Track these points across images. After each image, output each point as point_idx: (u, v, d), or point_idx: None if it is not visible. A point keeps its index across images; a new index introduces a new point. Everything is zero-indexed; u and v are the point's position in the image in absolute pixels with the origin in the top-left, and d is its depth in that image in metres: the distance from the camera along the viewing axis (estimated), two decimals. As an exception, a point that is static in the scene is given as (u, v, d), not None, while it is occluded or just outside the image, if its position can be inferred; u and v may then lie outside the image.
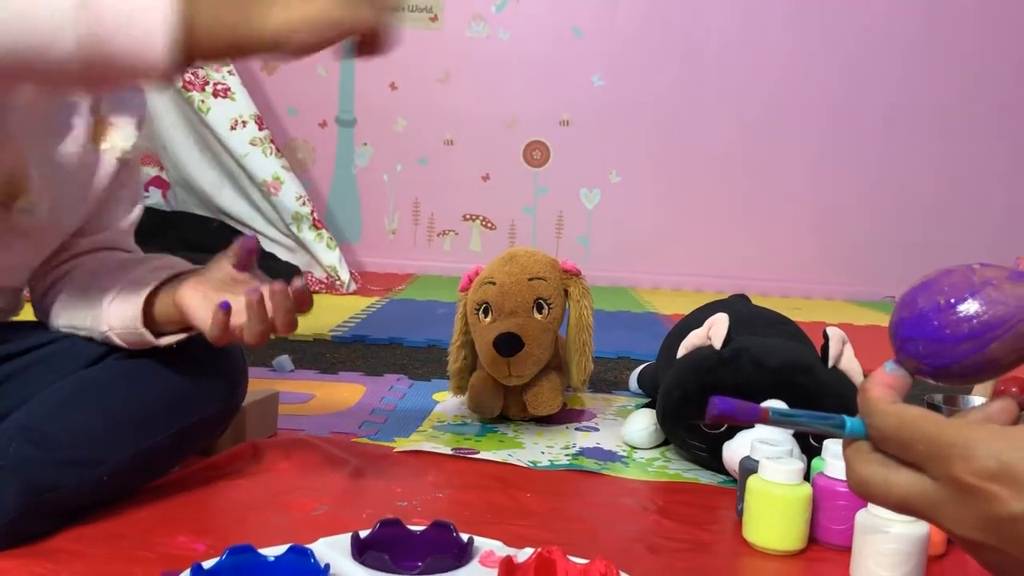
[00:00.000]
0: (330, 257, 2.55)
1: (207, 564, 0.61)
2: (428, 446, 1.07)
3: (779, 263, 3.01)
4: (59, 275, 0.92)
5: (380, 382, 1.43)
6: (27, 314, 0.95)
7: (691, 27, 2.92)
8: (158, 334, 0.83)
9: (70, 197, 0.88)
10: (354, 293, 2.53)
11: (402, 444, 1.08)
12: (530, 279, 1.16)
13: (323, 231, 2.57)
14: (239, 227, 2.62)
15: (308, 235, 2.55)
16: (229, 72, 2.48)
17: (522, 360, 1.14)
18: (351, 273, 2.58)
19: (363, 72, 3.01)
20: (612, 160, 2.99)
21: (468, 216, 3.07)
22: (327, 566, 0.61)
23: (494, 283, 1.16)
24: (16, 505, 0.75)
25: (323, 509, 0.87)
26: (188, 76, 2.44)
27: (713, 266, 3.00)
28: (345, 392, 1.35)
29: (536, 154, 3.01)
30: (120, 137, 0.92)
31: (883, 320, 2.53)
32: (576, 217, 3.03)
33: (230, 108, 2.47)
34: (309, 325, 1.91)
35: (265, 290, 0.75)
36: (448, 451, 1.06)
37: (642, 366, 1.42)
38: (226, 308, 0.75)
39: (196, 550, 0.77)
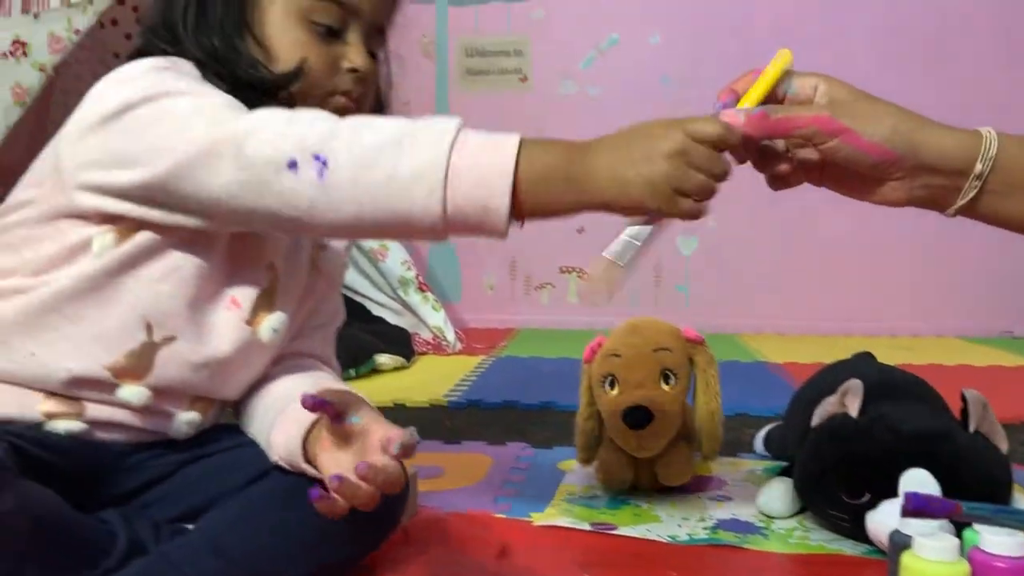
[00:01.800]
0: (436, 319, 2.60)
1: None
2: (566, 521, 1.09)
3: (886, 300, 2.95)
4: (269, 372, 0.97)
5: (504, 452, 1.46)
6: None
7: (780, 70, 2.92)
8: None
9: (291, 319, 0.95)
10: (460, 353, 2.57)
11: (540, 519, 1.10)
12: (655, 350, 1.18)
13: (428, 294, 2.63)
14: (348, 293, 2.70)
15: (414, 298, 2.61)
16: (333, 146, 2.58)
17: (652, 432, 1.15)
18: (456, 332, 2.63)
19: (457, 134, 3.09)
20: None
21: (565, 268, 3.10)
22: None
23: (619, 355, 1.18)
24: None
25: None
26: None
27: (817, 308, 2.96)
28: (472, 464, 1.38)
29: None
30: (334, 267, 1.02)
31: (1004, 359, 2.45)
32: (674, 265, 3.03)
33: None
34: (424, 391, 1.96)
35: (375, 461, 0.74)
36: (587, 527, 1.08)
37: (768, 427, 1.41)
38: (315, 497, 0.73)
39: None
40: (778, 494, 1.11)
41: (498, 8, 3.04)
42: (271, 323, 0.91)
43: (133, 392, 0.85)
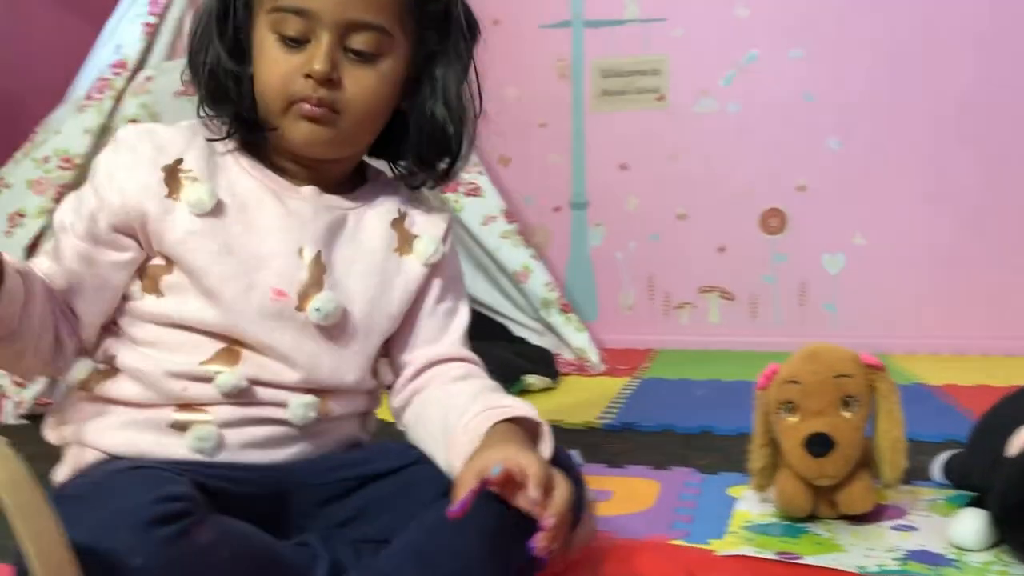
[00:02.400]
0: (579, 340, 2.62)
1: None
2: (749, 550, 1.08)
3: (1048, 319, 2.81)
4: (416, 389, 1.00)
5: (670, 477, 1.45)
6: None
7: (931, 81, 2.82)
8: None
9: (371, 298, 0.96)
10: (603, 374, 2.58)
11: (723, 548, 1.10)
12: (835, 376, 1.16)
13: (571, 315, 2.65)
14: (490, 314, 2.75)
15: (557, 319, 2.64)
16: (479, 172, 2.64)
17: (834, 460, 1.13)
18: (599, 353, 2.64)
19: (594, 156, 3.11)
20: (855, 223, 2.91)
21: (705, 288, 3.07)
22: None
23: (798, 382, 1.17)
24: None
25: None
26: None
27: (973, 326, 2.84)
28: (640, 488, 1.39)
29: (773, 222, 2.98)
30: (423, 248, 1.01)
31: None
32: (820, 284, 2.96)
33: (481, 205, 2.63)
34: (576, 413, 1.97)
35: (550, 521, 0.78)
36: (771, 556, 1.07)
37: (947, 454, 1.36)
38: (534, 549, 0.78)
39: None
40: (972, 526, 1.07)
41: (635, 28, 3.05)
42: (314, 304, 0.92)
43: (229, 378, 0.89)
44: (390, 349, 1.02)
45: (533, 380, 2.27)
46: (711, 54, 3.00)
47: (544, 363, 2.42)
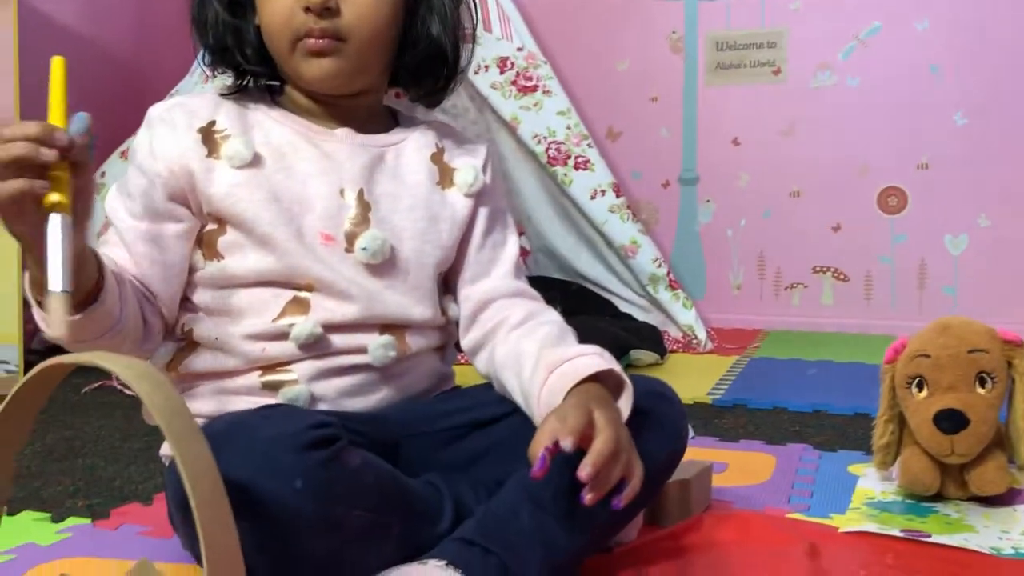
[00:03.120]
0: (687, 316, 2.58)
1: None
2: (874, 527, 1.05)
3: None
4: (481, 337, 1.00)
5: (786, 452, 1.42)
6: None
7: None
8: None
9: (419, 232, 0.97)
10: (710, 352, 2.54)
11: (845, 524, 1.07)
12: (970, 351, 1.11)
13: (679, 291, 2.62)
14: (596, 289, 2.74)
15: (664, 295, 2.61)
16: (588, 145, 2.62)
17: (966, 438, 1.09)
18: (707, 331, 2.60)
19: (705, 131, 3.05)
20: (980, 203, 2.78)
21: (818, 268, 2.98)
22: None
23: (928, 356, 1.12)
24: (538, 570, 0.83)
25: (797, 592, 0.89)
26: (552, 152, 2.61)
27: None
28: (755, 462, 1.36)
29: (892, 200, 2.87)
30: (464, 179, 1.01)
31: None
32: (940, 265, 2.84)
33: (590, 178, 2.61)
34: (685, 389, 1.94)
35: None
36: (897, 533, 1.03)
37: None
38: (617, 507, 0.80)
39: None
40: (1118, 512, 1.01)
41: (752, 1, 2.97)
42: (361, 243, 0.93)
43: (304, 327, 0.91)
44: (449, 285, 1.03)
45: (641, 355, 2.25)
46: (830, 27, 2.90)
47: (652, 339, 2.39)
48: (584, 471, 0.76)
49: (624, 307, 2.70)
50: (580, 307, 2.54)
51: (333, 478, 0.75)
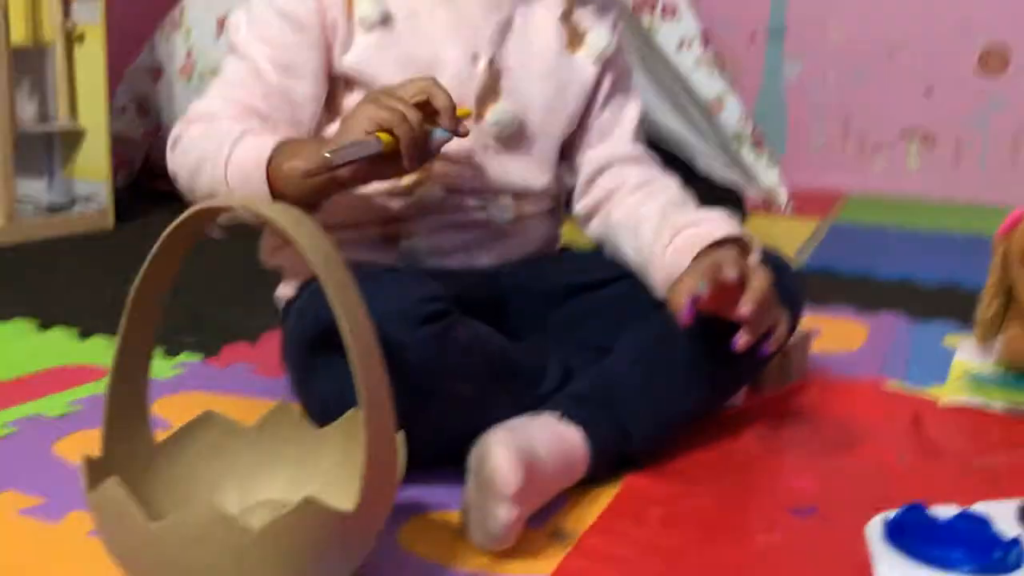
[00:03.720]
0: (770, 177, 2.52)
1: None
2: (976, 400, 1.05)
3: None
4: (598, 200, 0.99)
5: (878, 321, 1.41)
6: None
7: None
8: None
9: (547, 103, 0.95)
10: (791, 215, 2.49)
11: (945, 396, 1.06)
12: (1093, 229, 1.07)
13: (764, 151, 2.55)
14: (674, 151, 2.68)
15: (747, 155, 2.54)
16: (677, -9, 2.51)
17: (1080, 317, 1.06)
18: (788, 193, 2.54)
19: (799, -19, 2.89)
20: (1091, 68, 2.63)
21: (905, 132, 2.87)
22: (1016, 541, 0.62)
23: (1048, 232, 1.08)
24: (654, 432, 0.85)
25: (904, 459, 0.90)
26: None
27: None
28: (846, 329, 1.36)
29: (993, 62, 2.73)
30: (595, 41, 0.98)
31: None
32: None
33: (676, 28, 2.50)
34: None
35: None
36: (1000, 408, 1.03)
37: None
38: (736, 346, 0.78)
39: (803, 489, 0.83)
40: None
41: None
42: (491, 116, 0.91)
43: (429, 190, 0.90)
44: (567, 151, 1.01)
45: (721, 215, 2.22)
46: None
47: (732, 201, 2.35)
48: (745, 307, 0.75)
49: (704, 165, 2.64)
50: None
51: (443, 354, 0.76)
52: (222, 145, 0.81)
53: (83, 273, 1.61)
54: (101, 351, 1.17)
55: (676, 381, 0.87)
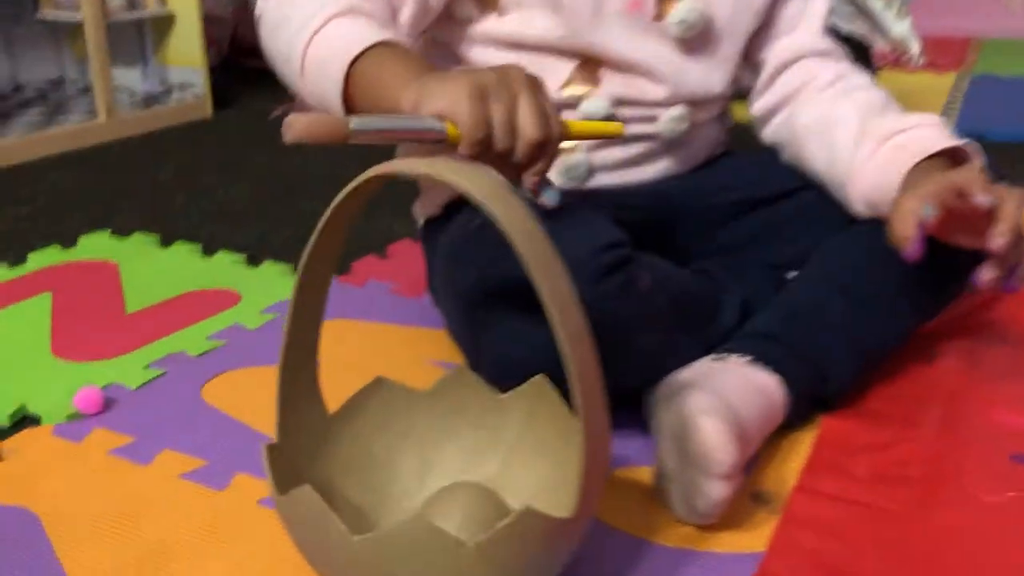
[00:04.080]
0: (900, 28, 2.29)
1: None
2: None
3: None
4: (782, 98, 0.88)
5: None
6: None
7: None
8: None
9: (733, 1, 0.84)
10: (923, 68, 2.28)
11: None
12: None
13: (893, -1, 2.31)
14: None
15: (875, 2, 2.31)
16: None
17: None
18: (921, 44, 2.32)
19: None
20: None
21: (1051, -35, 2.58)
22: None
23: None
24: (852, 369, 0.77)
25: None
26: None
27: None
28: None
29: None
30: None
31: None
32: None
33: None
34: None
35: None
36: None
37: None
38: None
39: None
40: None
41: None
42: (675, 15, 0.80)
43: (596, 103, 0.80)
44: (747, 47, 0.89)
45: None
46: None
47: (859, 56, 2.15)
48: (999, 239, 0.65)
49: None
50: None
51: (626, 306, 0.67)
52: (310, 19, 0.69)
53: (193, 173, 1.55)
54: (228, 270, 1.12)
55: (881, 311, 0.78)
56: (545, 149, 0.60)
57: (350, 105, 0.67)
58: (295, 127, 0.55)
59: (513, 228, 0.48)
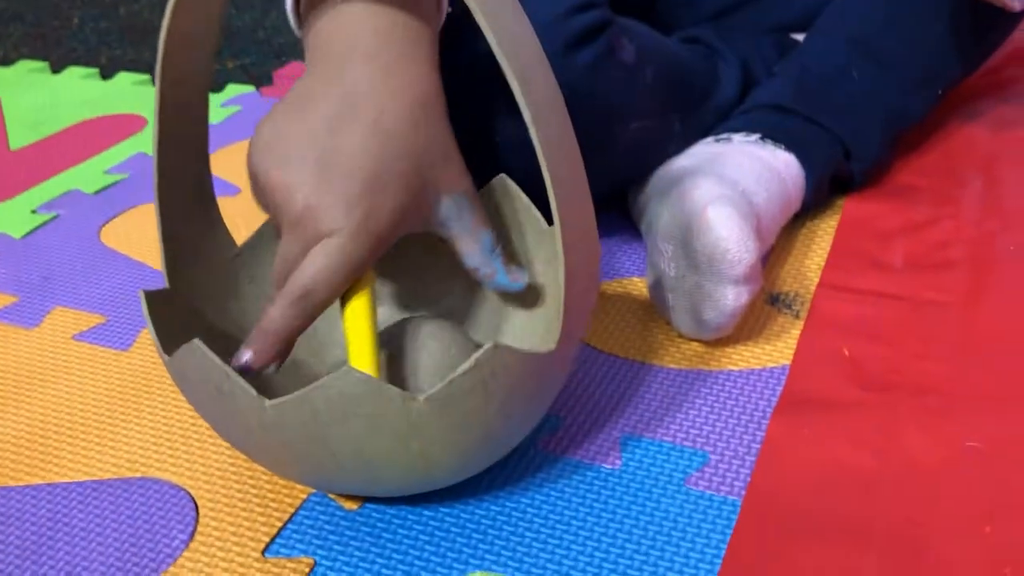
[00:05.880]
0: None
1: None
2: None
3: None
4: None
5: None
6: None
7: None
8: None
9: None
10: None
11: None
12: None
13: None
14: None
15: None
16: None
17: None
18: None
19: None
20: None
21: None
22: None
23: None
24: (880, 140, 0.64)
25: None
26: None
27: None
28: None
29: None
30: None
31: None
32: None
33: None
34: None
35: None
36: None
37: None
38: None
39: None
40: None
41: None
42: None
43: None
44: None
45: None
46: None
47: None
48: None
49: None
50: None
51: (605, 82, 0.53)
52: None
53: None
54: (130, 92, 0.95)
55: (910, 73, 0.64)
56: None
57: None
58: None
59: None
